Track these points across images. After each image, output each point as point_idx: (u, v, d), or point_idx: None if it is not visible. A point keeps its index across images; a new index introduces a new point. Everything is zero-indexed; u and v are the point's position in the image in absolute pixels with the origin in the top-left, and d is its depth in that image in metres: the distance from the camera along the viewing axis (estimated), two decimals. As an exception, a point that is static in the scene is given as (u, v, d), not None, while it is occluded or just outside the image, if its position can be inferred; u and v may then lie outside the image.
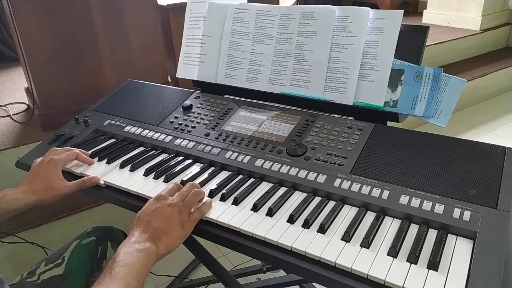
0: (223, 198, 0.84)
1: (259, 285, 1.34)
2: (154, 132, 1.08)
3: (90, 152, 1.05)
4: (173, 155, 1.02)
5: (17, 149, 1.69)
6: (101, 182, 0.94)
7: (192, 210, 0.79)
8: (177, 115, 1.13)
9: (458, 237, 0.71)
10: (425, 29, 0.97)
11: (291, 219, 0.77)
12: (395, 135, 0.91)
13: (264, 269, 1.40)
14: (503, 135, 2.65)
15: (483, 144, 0.85)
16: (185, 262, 1.71)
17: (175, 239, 0.74)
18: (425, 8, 3.72)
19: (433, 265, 0.65)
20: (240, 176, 0.92)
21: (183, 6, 1.28)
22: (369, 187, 0.80)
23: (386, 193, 0.79)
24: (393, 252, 0.68)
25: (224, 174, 0.93)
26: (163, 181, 0.92)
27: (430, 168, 0.82)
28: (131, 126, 1.13)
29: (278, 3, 2.67)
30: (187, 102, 1.16)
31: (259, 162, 0.92)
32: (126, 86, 1.32)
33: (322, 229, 0.74)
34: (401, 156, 0.85)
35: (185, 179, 0.91)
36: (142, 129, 1.10)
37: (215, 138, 1.02)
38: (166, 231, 0.74)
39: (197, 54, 1.23)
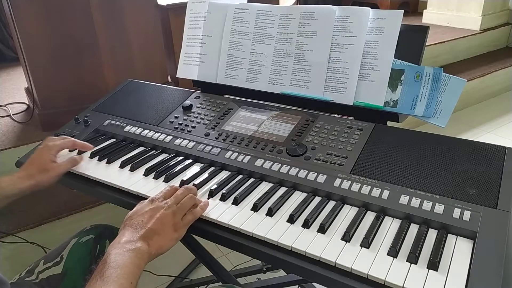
0: (223, 198, 0.84)
1: (259, 285, 1.34)
2: (154, 132, 1.08)
3: (90, 151, 1.05)
4: (173, 155, 1.02)
5: (17, 149, 1.69)
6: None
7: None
8: (177, 115, 1.13)
9: (458, 237, 0.71)
10: (425, 29, 0.97)
11: (291, 219, 0.77)
12: (395, 135, 0.91)
13: (264, 269, 1.40)
14: (503, 135, 2.65)
15: (483, 144, 0.85)
16: (185, 262, 1.71)
17: (167, 241, 0.73)
18: (425, 8, 3.72)
19: (433, 265, 0.65)
20: (240, 176, 0.92)
21: (183, 6, 1.28)
22: (369, 187, 0.80)
23: (386, 193, 0.79)
24: (393, 252, 0.68)
25: (224, 174, 0.93)
26: (163, 181, 0.92)
27: (430, 168, 0.82)
28: (131, 126, 1.13)
29: (278, 3, 2.67)
30: (187, 102, 1.16)
31: (259, 162, 0.92)
32: (126, 86, 1.32)
33: (322, 229, 0.74)
34: (401, 156, 0.85)
35: (185, 179, 0.91)
36: (142, 129, 1.10)
37: (215, 138, 1.02)
38: (158, 231, 0.72)
39: (197, 54, 1.23)
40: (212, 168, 0.95)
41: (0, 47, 3.07)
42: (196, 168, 0.96)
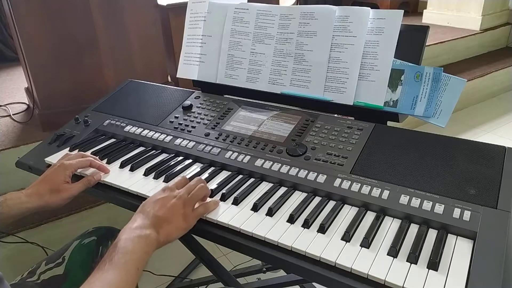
0: (223, 198, 0.84)
1: (259, 285, 1.33)
2: (154, 132, 1.08)
3: (90, 151, 1.05)
4: (173, 155, 1.02)
5: (17, 149, 1.69)
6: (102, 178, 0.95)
7: (197, 205, 0.80)
8: (177, 115, 1.13)
9: (458, 237, 0.71)
10: (425, 29, 0.97)
11: (291, 219, 0.77)
12: (395, 135, 0.91)
13: (264, 269, 1.40)
14: (503, 135, 2.65)
15: (483, 144, 0.85)
16: (185, 262, 1.71)
17: (176, 230, 0.75)
18: (425, 8, 3.72)
19: (433, 265, 0.65)
20: (240, 176, 0.92)
21: (183, 6, 1.28)
22: (369, 187, 0.80)
23: (386, 193, 0.79)
24: (393, 252, 0.68)
25: (224, 174, 0.93)
26: (163, 181, 0.92)
27: (430, 168, 0.82)
28: (131, 126, 1.13)
29: (278, 3, 2.67)
30: (187, 102, 1.16)
31: (259, 162, 0.92)
32: (126, 86, 1.32)
33: (322, 229, 0.74)
34: (401, 156, 0.85)
35: (185, 179, 0.91)
36: (142, 129, 1.10)
37: (215, 138, 1.02)
38: (168, 220, 0.74)
39: (197, 54, 1.23)
40: (212, 168, 0.95)
41: (0, 47, 3.06)
42: (196, 168, 0.96)
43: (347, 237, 0.72)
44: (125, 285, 0.63)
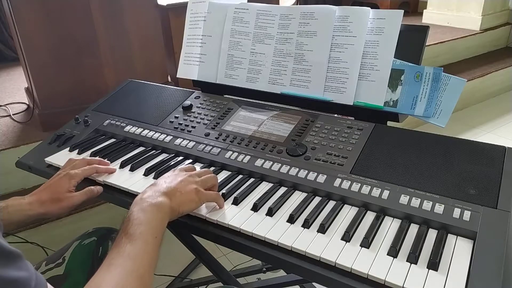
0: (223, 198, 0.84)
1: (259, 285, 1.34)
2: (154, 132, 1.08)
3: (90, 151, 1.05)
4: (173, 155, 1.02)
5: (17, 149, 1.70)
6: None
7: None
8: (177, 115, 1.13)
9: (458, 237, 0.71)
10: (425, 29, 0.97)
11: (291, 219, 0.77)
12: (395, 135, 0.91)
13: (264, 269, 1.40)
14: (503, 135, 2.65)
15: (483, 144, 0.85)
16: (185, 262, 1.71)
17: (189, 202, 0.74)
18: (425, 8, 3.72)
19: (433, 265, 0.65)
20: (240, 176, 0.92)
21: (183, 6, 1.28)
22: (369, 187, 0.80)
23: (386, 193, 0.79)
24: (393, 252, 0.68)
25: (224, 174, 0.93)
26: (163, 181, 0.92)
27: (430, 168, 0.82)
28: (131, 126, 1.13)
29: (278, 3, 2.67)
30: (187, 102, 1.16)
31: (259, 162, 0.92)
32: (126, 86, 1.32)
33: (322, 229, 0.74)
34: (401, 156, 0.85)
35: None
36: (142, 129, 1.10)
37: (215, 138, 1.02)
38: (181, 190, 0.74)
39: (197, 54, 1.23)
40: (212, 168, 0.95)
41: (0, 47, 3.07)
42: (196, 168, 0.96)
43: (347, 237, 0.72)
44: (145, 254, 0.62)
